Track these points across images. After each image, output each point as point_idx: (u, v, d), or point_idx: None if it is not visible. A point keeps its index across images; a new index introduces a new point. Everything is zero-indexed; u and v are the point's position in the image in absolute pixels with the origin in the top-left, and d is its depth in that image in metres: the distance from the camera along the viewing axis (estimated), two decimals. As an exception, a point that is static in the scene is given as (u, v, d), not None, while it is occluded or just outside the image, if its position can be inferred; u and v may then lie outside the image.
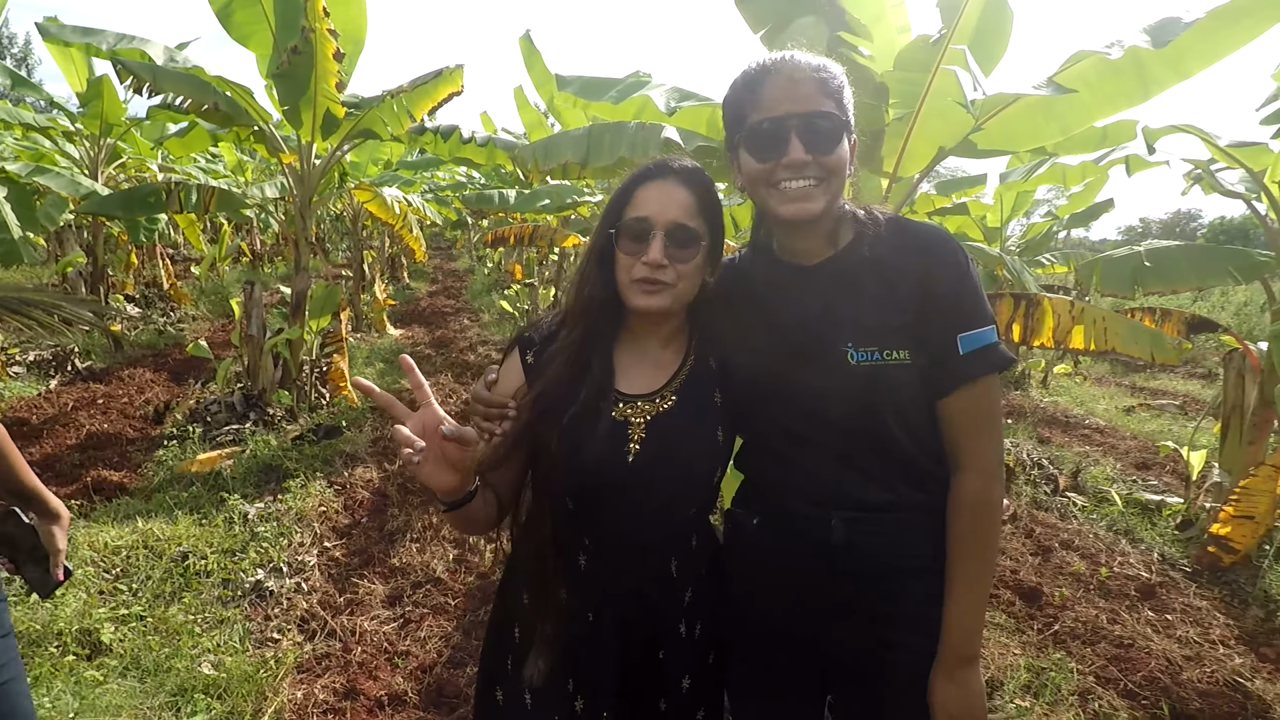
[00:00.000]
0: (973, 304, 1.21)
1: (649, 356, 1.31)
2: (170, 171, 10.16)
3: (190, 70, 4.78)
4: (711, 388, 1.30)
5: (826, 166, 1.17)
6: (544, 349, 1.29)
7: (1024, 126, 2.85)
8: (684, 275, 1.21)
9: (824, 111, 1.17)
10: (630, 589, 1.26)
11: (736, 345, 1.30)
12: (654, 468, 1.23)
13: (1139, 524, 4.41)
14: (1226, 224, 28.10)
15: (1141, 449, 6.29)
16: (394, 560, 3.53)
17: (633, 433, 1.24)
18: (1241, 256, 3.98)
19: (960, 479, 1.22)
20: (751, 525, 1.32)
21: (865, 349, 1.19)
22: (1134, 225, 42.10)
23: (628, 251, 1.21)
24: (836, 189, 1.20)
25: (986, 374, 1.20)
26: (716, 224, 1.26)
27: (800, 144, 1.15)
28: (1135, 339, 3.33)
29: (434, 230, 18.20)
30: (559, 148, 3.21)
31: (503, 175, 10.34)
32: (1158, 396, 8.60)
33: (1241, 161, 3.84)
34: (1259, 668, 3.00)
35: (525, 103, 8.07)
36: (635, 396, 1.26)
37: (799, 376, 1.23)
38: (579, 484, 1.23)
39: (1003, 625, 3.23)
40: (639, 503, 1.24)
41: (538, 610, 1.25)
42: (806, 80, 1.17)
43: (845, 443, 1.22)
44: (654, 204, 1.21)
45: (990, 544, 1.24)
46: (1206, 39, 2.57)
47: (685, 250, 1.20)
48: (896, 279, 1.21)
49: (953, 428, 1.22)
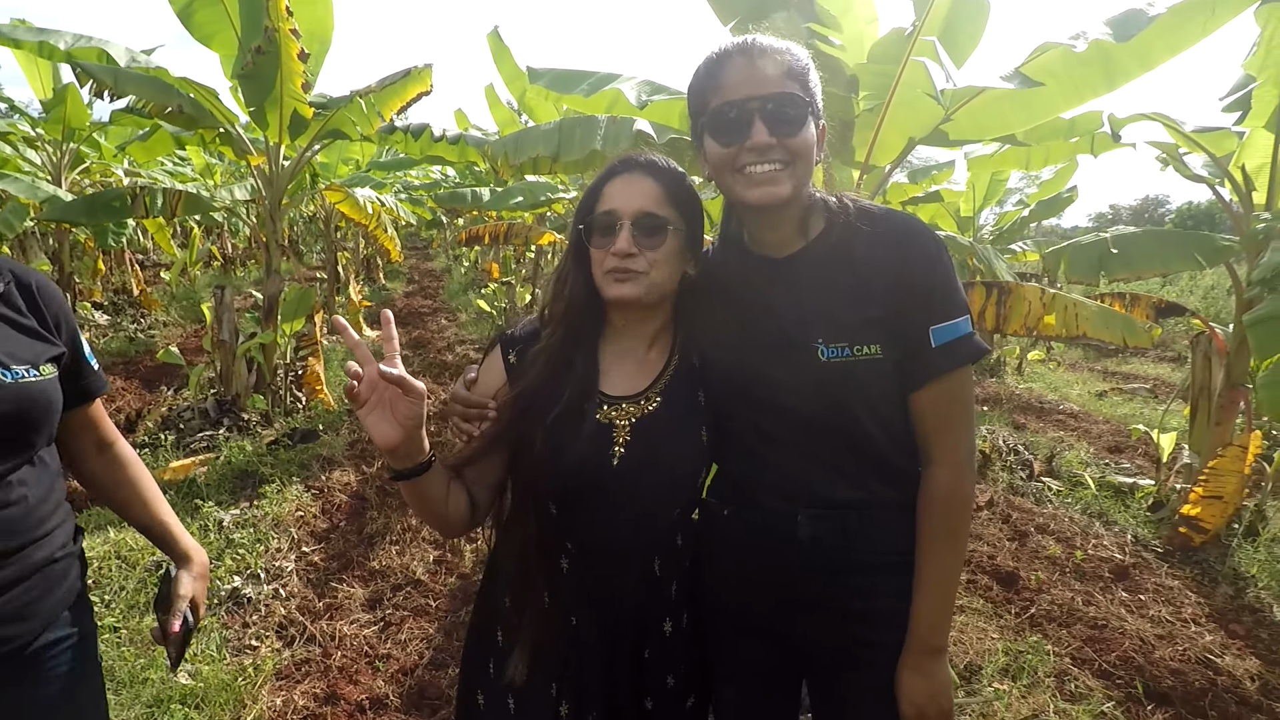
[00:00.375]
0: (945, 295, 1.18)
1: (634, 357, 1.29)
2: (136, 176, 9.95)
3: (153, 72, 4.67)
4: (695, 386, 1.29)
5: (791, 149, 1.14)
6: (526, 348, 1.28)
7: (992, 116, 2.88)
8: (656, 263, 1.20)
9: (787, 93, 1.14)
10: (613, 591, 1.25)
11: (710, 340, 1.29)
12: (638, 471, 1.22)
13: (1112, 507, 4.50)
14: (1194, 209, 28.70)
15: (1114, 433, 6.41)
16: (373, 563, 3.50)
17: (617, 435, 1.22)
18: (1206, 241, 4.05)
19: (932, 472, 1.21)
20: (722, 516, 1.32)
21: (836, 345, 1.17)
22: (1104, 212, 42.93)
23: (599, 246, 1.21)
24: (803, 173, 1.18)
25: (959, 367, 1.18)
26: (690, 212, 1.24)
27: (764, 126, 1.13)
28: (1107, 324, 3.38)
29: (409, 230, 18.03)
30: (529, 142, 3.18)
31: (477, 173, 10.27)
32: (1129, 381, 8.76)
33: (1205, 147, 3.92)
34: (1229, 644, 3.07)
35: (497, 101, 8.01)
36: (620, 398, 1.25)
37: (769, 373, 1.22)
38: (561, 487, 1.21)
39: (980, 610, 3.27)
40: (622, 506, 1.23)
41: (520, 613, 1.24)
42: (769, 62, 1.15)
43: (815, 440, 1.22)
44: (620, 196, 1.20)
45: (960, 537, 1.23)
46: (1170, 32, 2.62)
47: (653, 238, 1.19)
48: (869, 271, 1.18)
49: (924, 421, 1.21)
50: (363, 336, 8.43)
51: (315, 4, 4.60)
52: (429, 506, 1.17)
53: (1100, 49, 2.63)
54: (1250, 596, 3.46)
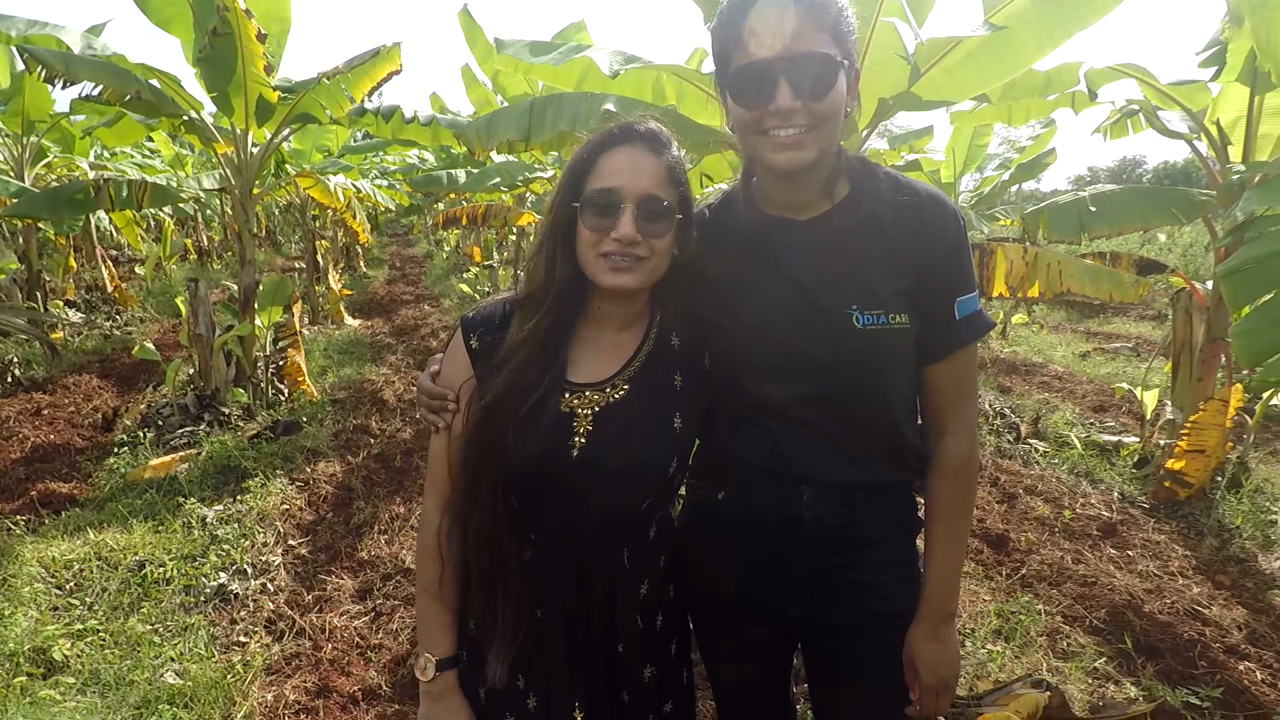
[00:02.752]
0: (968, 269, 1.17)
1: (604, 341, 1.22)
2: (102, 168, 9.70)
3: (110, 58, 4.52)
4: (672, 370, 1.22)
5: (818, 113, 1.07)
6: (491, 333, 1.20)
7: (969, 72, 2.82)
8: (657, 250, 1.12)
9: (815, 53, 1.05)
10: (576, 583, 1.20)
11: (718, 307, 1.21)
12: (600, 462, 1.15)
13: (1098, 465, 4.53)
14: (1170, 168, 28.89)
15: (1098, 392, 6.46)
16: (362, 553, 3.46)
17: (578, 425, 1.15)
18: (1183, 197, 4.04)
19: (946, 443, 1.20)
20: (717, 499, 1.28)
21: (871, 313, 1.12)
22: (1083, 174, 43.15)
23: (594, 227, 1.11)
24: (830, 135, 1.10)
25: (977, 338, 1.18)
26: (686, 194, 1.16)
27: (789, 90, 1.05)
28: (1092, 280, 3.37)
29: (389, 216, 17.79)
30: (501, 124, 3.11)
31: (453, 156, 10.10)
32: (1112, 340, 8.82)
33: (1180, 102, 3.89)
34: (1215, 595, 3.11)
35: (473, 81, 7.85)
36: (584, 385, 1.18)
37: (794, 341, 1.15)
38: (520, 478, 1.15)
39: (971, 573, 3.29)
40: (585, 497, 1.17)
41: (487, 606, 1.19)
42: (795, 10, 1.04)
43: (828, 415, 1.17)
44: (623, 173, 1.10)
45: (971, 505, 1.25)
46: None
47: (657, 224, 1.11)
48: (898, 240, 1.14)
49: (940, 393, 1.20)
50: (344, 326, 8.35)
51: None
52: None
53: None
54: (1235, 547, 3.51)
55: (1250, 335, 2.47)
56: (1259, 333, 2.46)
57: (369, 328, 9.25)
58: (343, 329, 8.92)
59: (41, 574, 3.07)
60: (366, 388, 6.14)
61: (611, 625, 1.23)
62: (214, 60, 4.17)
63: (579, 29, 6.25)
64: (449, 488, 1.20)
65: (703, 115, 3.36)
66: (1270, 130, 3.73)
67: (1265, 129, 3.73)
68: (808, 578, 1.23)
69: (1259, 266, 2.62)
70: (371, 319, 9.88)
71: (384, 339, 8.44)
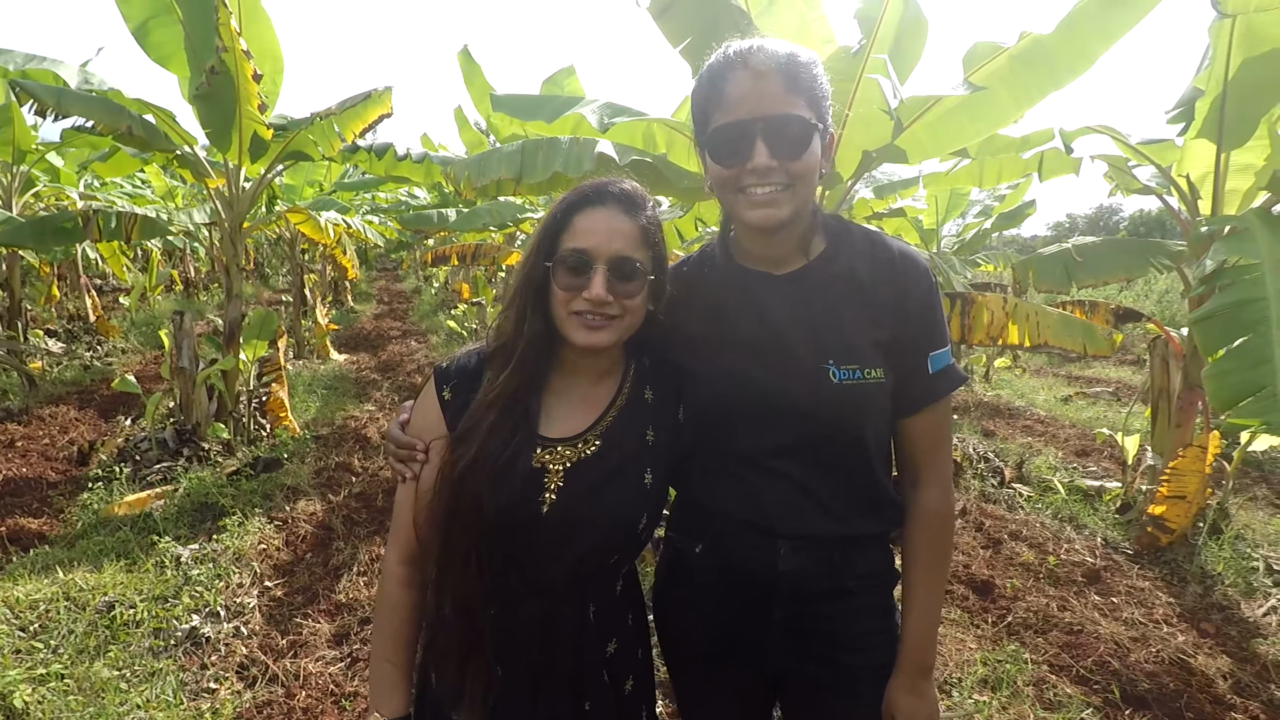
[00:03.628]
0: (941, 324, 1.21)
1: (577, 394, 1.21)
2: (91, 199, 9.69)
3: (106, 93, 4.57)
4: (644, 424, 1.21)
5: (793, 173, 1.10)
6: (462, 382, 1.19)
7: (949, 128, 2.92)
8: (630, 310, 1.13)
9: (790, 115, 1.08)
10: (540, 638, 1.17)
11: (697, 359, 1.23)
12: (570, 518, 1.13)
13: (1082, 510, 4.55)
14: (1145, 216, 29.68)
15: (1080, 436, 6.52)
16: (340, 596, 3.39)
17: (549, 481, 1.14)
18: (1159, 248, 4.17)
19: (923, 494, 1.22)
20: (694, 552, 1.27)
21: (847, 367, 1.14)
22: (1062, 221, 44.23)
23: (566, 287, 1.12)
24: (805, 194, 1.14)
25: (950, 392, 1.21)
26: (660, 254, 1.18)
27: (765, 149, 1.08)
28: (1068, 331, 3.44)
29: (379, 251, 17.84)
30: (492, 164, 3.16)
31: (445, 194, 10.19)
32: (1093, 385, 8.94)
33: (1150, 158, 4.03)
34: (1200, 644, 3.10)
35: (465, 123, 7.99)
36: (556, 441, 1.16)
37: (775, 394, 1.16)
38: (489, 535, 1.13)
39: (957, 621, 3.27)
40: (553, 552, 1.15)
41: (455, 666, 1.15)
42: (773, 77, 1.08)
43: (805, 468, 1.18)
44: (595, 234, 1.12)
45: (948, 554, 1.26)
46: (1099, 17, 2.69)
47: (629, 284, 1.12)
48: (874, 295, 1.17)
49: (916, 445, 1.23)
50: (329, 361, 8.29)
51: (258, 23, 4.56)
52: None
53: (1038, 45, 2.69)
54: (1218, 594, 3.51)
55: (1221, 379, 2.55)
56: (1230, 376, 2.53)
57: (354, 363, 9.20)
58: (328, 364, 8.86)
59: (5, 615, 2.97)
60: (350, 424, 6.09)
61: (578, 683, 1.20)
62: (210, 97, 4.22)
63: (569, 74, 6.39)
64: (413, 541, 1.18)
65: (692, 163, 3.44)
66: (1237, 185, 3.86)
67: (1233, 184, 3.86)
68: (786, 628, 1.23)
69: (1230, 313, 2.70)
70: (357, 354, 9.83)
71: (369, 374, 8.39)
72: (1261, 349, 2.53)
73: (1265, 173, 3.67)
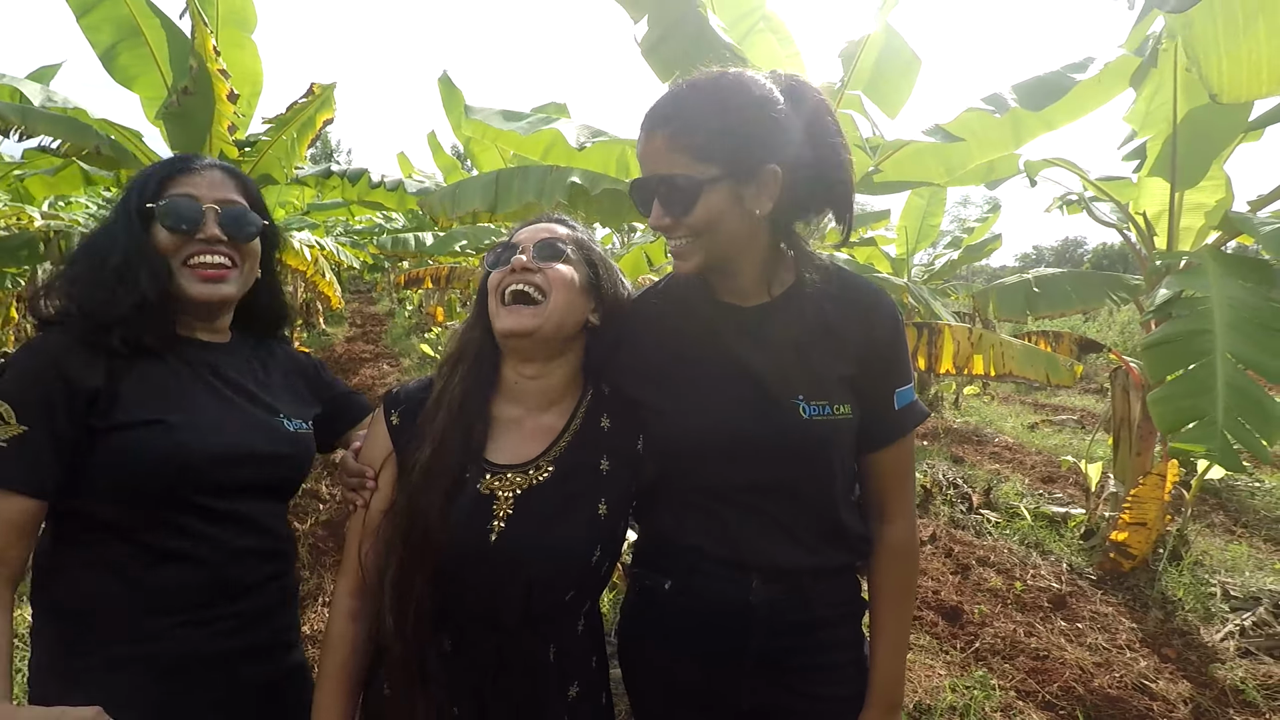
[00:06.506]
0: (905, 360, 1.23)
1: (528, 423, 1.18)
2: (54, 218, 9.50)
3: (70, 112, 4.51)
4: (599, 453, 1.18)
5: (692, 227, 1.10)
6: (411, 407, 1.18)
7: (915, 166, 3.02)
8: (557, 284, 1.13)
9: (671, 175, 1.08)
10: (494, 677, 1.13)
11: (661, 392, 1.21)
12: (519, 547, 1.10)
13: (1047, 536, 4.62)
14: (1109, 250, 30.61)
15: (1046, 463, 6.64)
16: (305, 628, 3.29)
17: (497, 509, 1.11)
18: (1118, 281, 4.32)
19: (889, 528, 1.23)
20: (663, 589, 1.25)
21: (817, 402, 1.14)
22: (1029, 252, 45.48)
23: (493, 264, 1.19)
24: (716, 242, 1.12)
25: (914, 427, 1.23)
26: (589, 257, 1.22)
27: (660, 208, 1.11)
28: (1031, 362, 3.53)
29: (352, 274, 17.70)
30: (467, 194, 3.18)
31: (420, 218, 10.19)
32: (1058, 413, 9.14)
33: (1109, 194, 4.18)
34: (1161, 669, 3.15)
35: (439, 148, 8.01)
36: (505, 467, 1.13)
37: (743, 429, 1.15)
38: (436, 565, 1.09)
39: (926, 647, 3.29)
40: (504, 584, 1.10)
41: (404, 704, 1.10)
42: (657, 136, 1.10)
43: (774, 502, 1.17)
44: (524, 232, 1.22)
45: (914, 586, 1.28)
46: (1072, 100, 2.87)
47: (554, 258, 1.16)
48: (842, 330, 1.17)
49: (882, 480, 1.24)
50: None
51: (242, 49, 4.56)
52: None
53: (1012, 113, 2.85)
54: (1179, 619, 3.58)
55: (1166, 403, 2.65)
56: (1174, 400, 2.63)
57: (324, 386, 9.05)
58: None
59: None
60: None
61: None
62: (180, 117, 4.18)
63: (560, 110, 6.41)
64: (360, 572, 1.15)
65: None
66: (1191, 224, 4.02)
67: (1186, 222, 4.02)
68: (759, 663, 1.21)
69: (1179, 342, 2.81)
70: (328, 377, 9.68)
71: (339, 398, 8.26)
72: (1205, 378, 2.62)
73: (1216, 213, 3.83)
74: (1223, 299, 2.86)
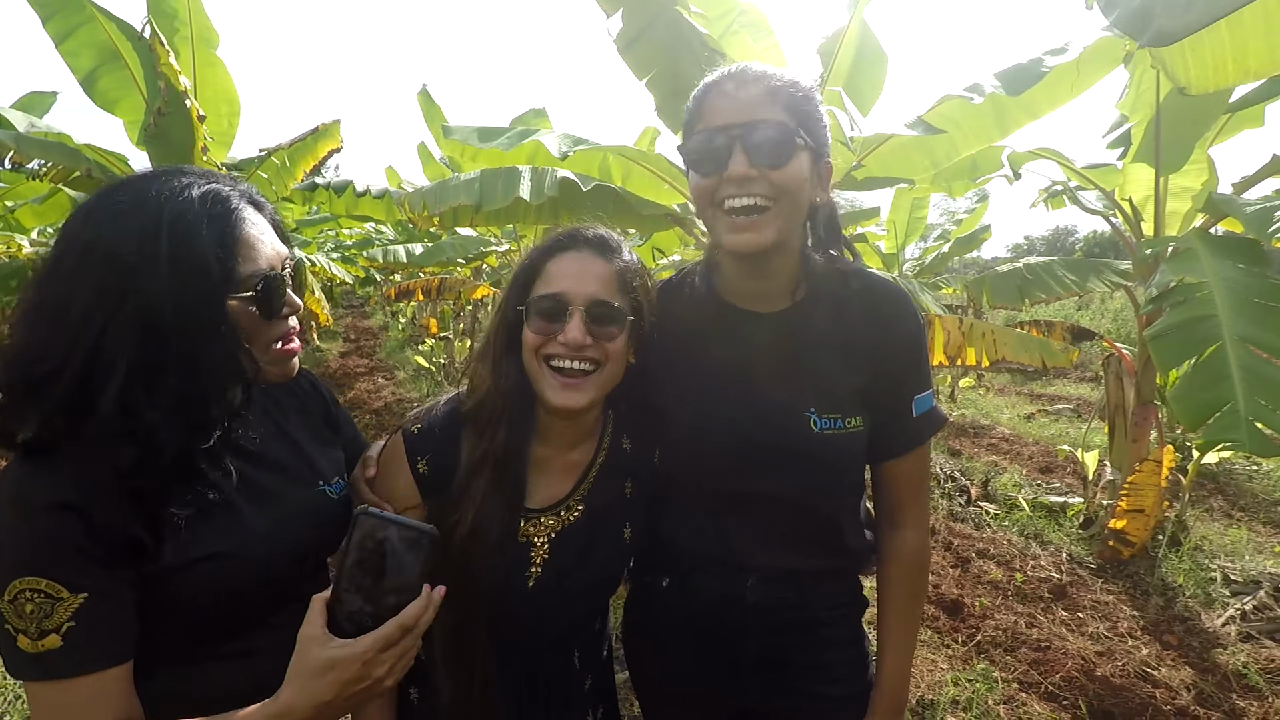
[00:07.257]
0: (926, 367, 1.20)
1: (558, 461, 1.15)
2: (43, 247, 9.48)
3: (52, 137, 4.51)
4: (623, 478, 1.18)
5: (775, 183, 1.02)
6: (441, 457, 1.09)
7: (899, 161, 3.02)
8: (611, 355, 1.06)
9: (769, 120, 1.01)
10: (528, 689, 1.16)
11: (673, 396, 1.18)
12: (556, 589, 1.12)
13: (1046, 526, 4.61)
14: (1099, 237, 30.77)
15: (1043, 453, 6.63)
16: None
17: (534, 555, 1.11)
18: (1107, 267, 4.32)
19: (901, 536, 1.21)
20: (661, 586, 1.26)
21: (828, 416, 1.11)
22: (1020, 243, 45.68)
23: (540, 331, 1.05)
24: (790, 214, 1.05)
25: (933, 435, 1.20)
26: (642, 300, 1.11)
27: (744, 156, 1.01)
28: (1025, 347, 3.53)
29: (345, 288, 17.68)
30: (450, 192, 3.15)
31: (410, 230, 10.19)
32: (1054, 402, 9.14)
33: (1095, 182, 4.18)
34: (1163, 656, 3.14)
35: (430, 158, 8.01)
36: (539, 511, 1.12)
37: (753, 439, 1.13)
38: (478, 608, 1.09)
39: (928, 641, 3.27)
40: (540, 620, 1.15)
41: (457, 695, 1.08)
42: (756, 88, 1.03)
43: (778, 510, 1.16)
44: (570, 278, 1.06)
45: (924, 593, 1.26)
46: (1050, 86, 2.85)
47: (608, 328, 1.05)
48: (858, 339, 1.14)
49: (897, 488, 1.21)
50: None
51: (214, 67, 4.58)
52: None
53: (994, 101, 2.83)
54: (1179, 606, 3.57)
55: (1186, 399, 2.59)
56: (1193, 394, 2.57)
57: (320, 401, 9.03)
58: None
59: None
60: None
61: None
62: (160, 139, 4.19)
63: (539, 115, 6.41)
64: None
65: (649, 193, 3.48)
66: (1177, 208, 4.02)
67: (1173, 207, 4.02)
68: (757, 662, 1.21)
69: (1183, 331, 2.78)
70: (323, 392, 9.65)
71: (335, 413, 8.23)
72: (1219, 365, 2.56)
73: (1201, 196, 3.83)
74: (1220, 282, 2.84)
